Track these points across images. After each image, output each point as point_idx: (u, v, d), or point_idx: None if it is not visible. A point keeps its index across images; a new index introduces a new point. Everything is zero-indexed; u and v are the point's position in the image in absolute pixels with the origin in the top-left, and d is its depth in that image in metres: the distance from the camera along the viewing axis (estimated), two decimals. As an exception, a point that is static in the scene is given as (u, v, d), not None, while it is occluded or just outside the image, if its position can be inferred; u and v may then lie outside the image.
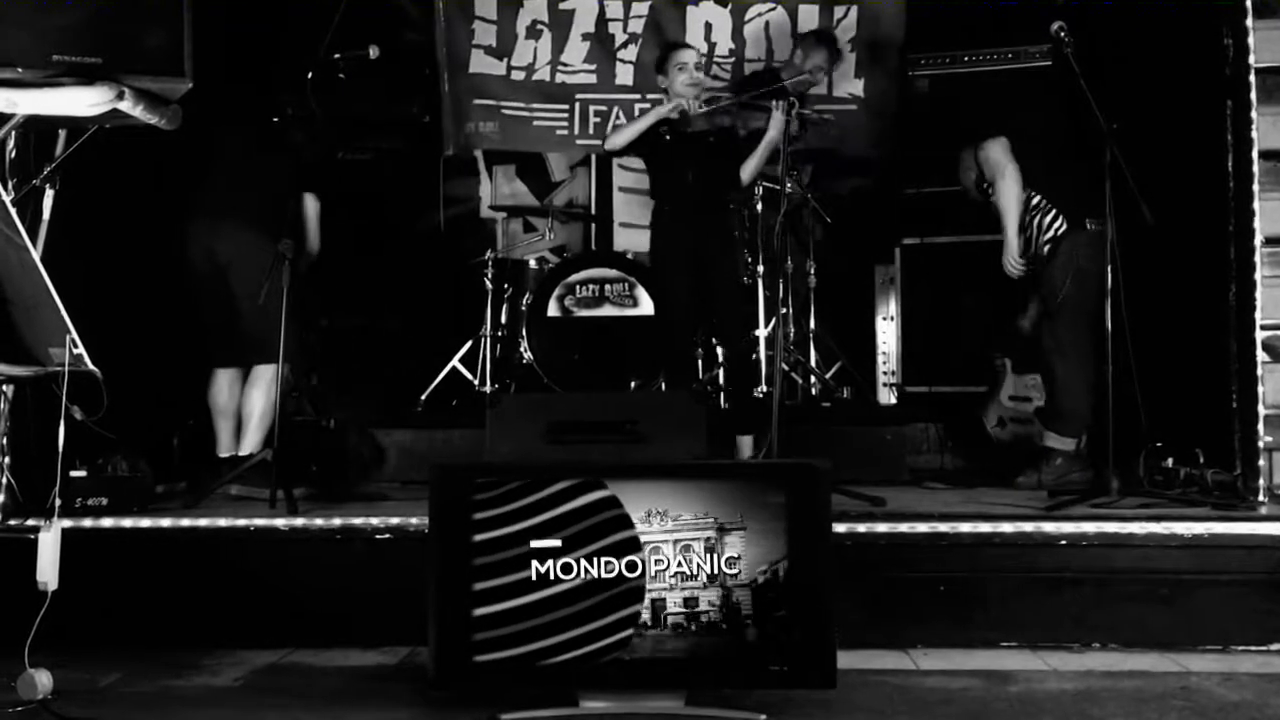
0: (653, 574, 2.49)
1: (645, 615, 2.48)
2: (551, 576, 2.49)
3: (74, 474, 3.44)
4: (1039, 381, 4.62)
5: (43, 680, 2.59)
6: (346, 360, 5.19)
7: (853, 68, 5.74)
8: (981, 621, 3.17)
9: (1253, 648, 3.11)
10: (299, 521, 3.40)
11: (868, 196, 5.86)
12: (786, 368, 4.89)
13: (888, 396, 5.55)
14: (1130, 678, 2.85)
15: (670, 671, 2.48)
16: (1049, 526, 3.28)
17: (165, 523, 3.35)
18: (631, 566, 2.50)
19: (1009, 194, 4.26)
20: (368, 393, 5.20)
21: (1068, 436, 4.24)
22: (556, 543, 2.50)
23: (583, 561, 2.50)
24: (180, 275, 4.08)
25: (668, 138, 4.56)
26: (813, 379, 5.28)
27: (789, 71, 5.11)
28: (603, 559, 2.50)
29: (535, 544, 2.50)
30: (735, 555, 2.50)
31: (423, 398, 5.22)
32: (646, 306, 4.98)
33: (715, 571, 2.50)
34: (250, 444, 4.07)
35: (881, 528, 3.29)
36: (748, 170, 4.57)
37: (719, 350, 4.99)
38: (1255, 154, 3.77)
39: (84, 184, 3.55)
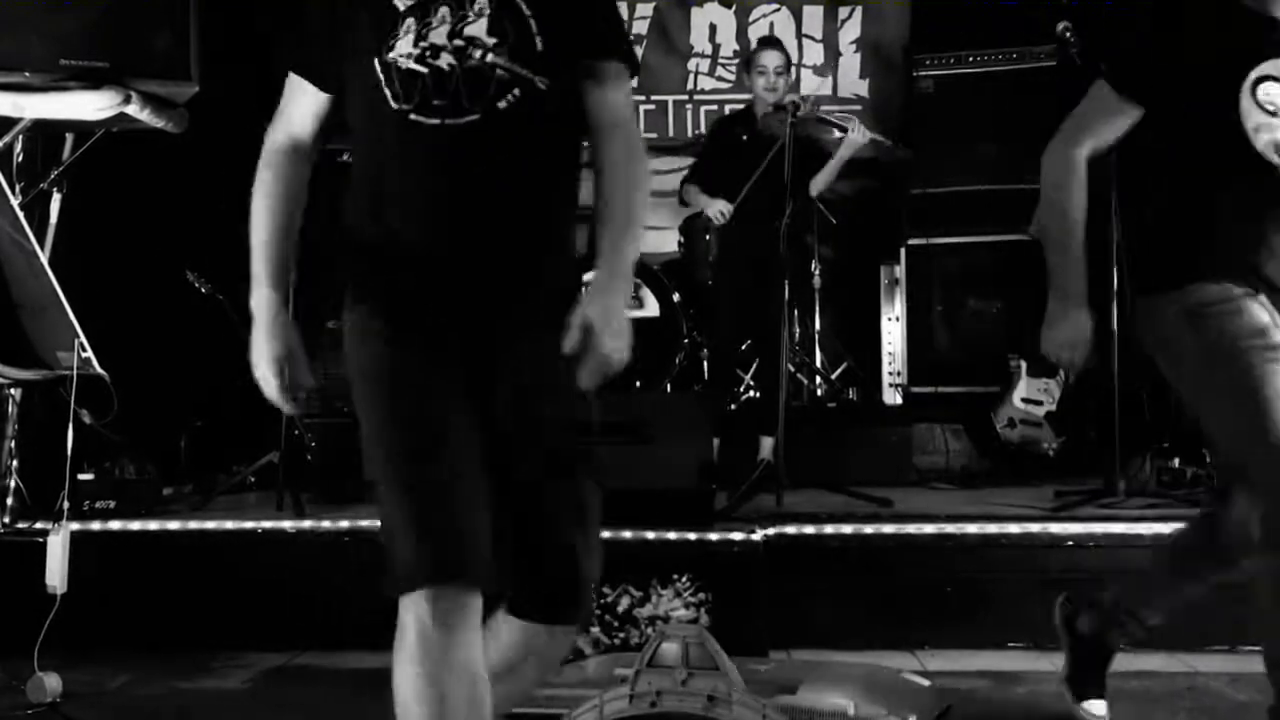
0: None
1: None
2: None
3: (82, 477, 3.44)
4: (1050, 386, 4.60)
5: (51, 683, 2.61)
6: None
7: (857, 68, 5.73)
8: (988, 622, 3.17)
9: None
10: (306, 524, 3.40)
11: (873, 197, 5.85)
12: (792, 368, 4.87)
13: (893, 397, 5.53)
14: (1138, 678, 2.84)
15: None
16: (1056, 527, 3.28)
17: (173, 525, 3.36)
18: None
19: None
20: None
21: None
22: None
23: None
24: None
25: (744, 138, 4.54)
26: (818, 380, 5.27)
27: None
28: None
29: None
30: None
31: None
32: (652, 308, 4.97)
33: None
34: None
35: (888, 529, 3.29)
36: (818, 183, 4.52)
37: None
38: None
39: (91, 187, 3.57)
